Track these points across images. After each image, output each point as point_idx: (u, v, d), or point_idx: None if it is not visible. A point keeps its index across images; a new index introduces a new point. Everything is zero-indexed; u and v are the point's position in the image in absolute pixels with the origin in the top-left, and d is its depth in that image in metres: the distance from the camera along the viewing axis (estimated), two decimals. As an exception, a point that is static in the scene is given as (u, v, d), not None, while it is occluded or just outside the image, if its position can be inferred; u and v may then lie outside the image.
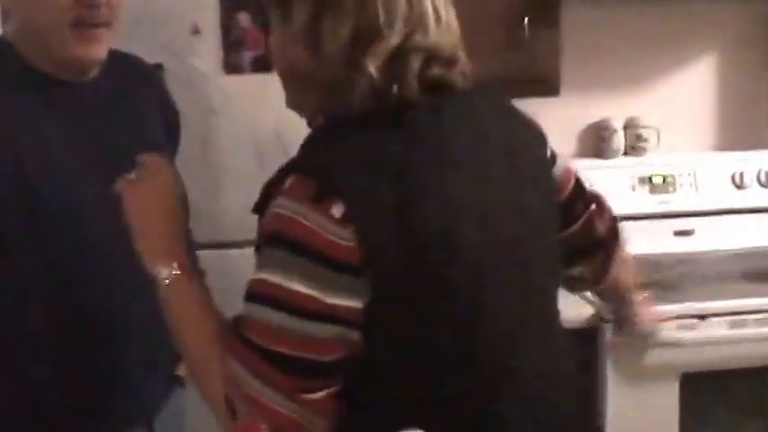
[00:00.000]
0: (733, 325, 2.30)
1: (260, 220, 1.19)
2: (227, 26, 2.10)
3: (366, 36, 1.15)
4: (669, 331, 2.25)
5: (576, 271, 1.52)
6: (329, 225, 1.08)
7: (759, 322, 2.32)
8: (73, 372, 1.54)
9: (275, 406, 1.10)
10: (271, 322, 1.10)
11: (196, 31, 2.10)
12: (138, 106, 1.67)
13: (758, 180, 2.86)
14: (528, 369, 1.24)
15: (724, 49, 3.02)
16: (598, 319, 2.29)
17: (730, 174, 2.85)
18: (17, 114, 1.50)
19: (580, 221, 1.46)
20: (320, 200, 1.09)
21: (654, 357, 2.27)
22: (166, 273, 1.25)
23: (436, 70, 1.19)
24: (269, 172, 2.13)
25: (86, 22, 1.48)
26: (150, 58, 1.77)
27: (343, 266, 1.08)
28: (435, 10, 1.20)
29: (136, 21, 1.64)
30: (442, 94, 1.20)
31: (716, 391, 2.34)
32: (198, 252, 1.88)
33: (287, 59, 1.22)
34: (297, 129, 2.14)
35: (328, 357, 1.11)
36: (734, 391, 2.35)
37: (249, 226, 2.11)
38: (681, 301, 2.36)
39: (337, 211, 1.08)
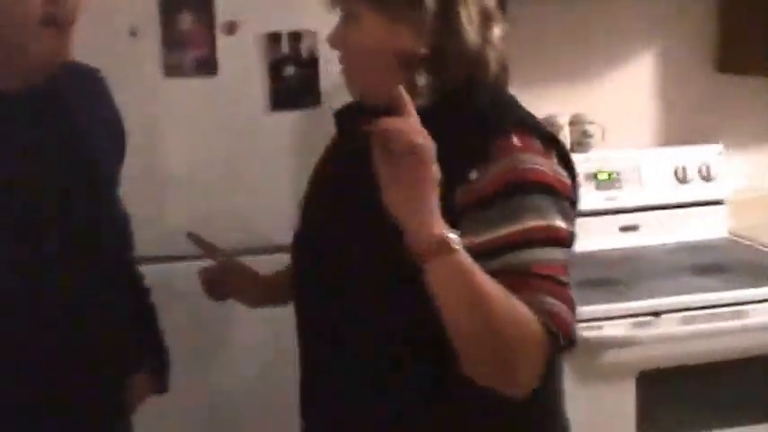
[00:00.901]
0: (687, 321, 2.26)
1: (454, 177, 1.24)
2: (168, 27, 1.95)
3: (487, 18, 1.36)
4: (624, 329, 2.21)
5: None
6: (559, 169, 1.30)
7: (713, 317, 2.29)
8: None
9: (571, 319, 1.25)
10: (557, 258, 1.26)
11: (134, 33, 1.95)
12: (79, 114, 1.54)
13: (700, 174, 2.85)
14: None
15: (667, 46, 3.00)
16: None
17: (673, 169, 2.83)
18: None
19: None
20: (547, 150, 1.29)
21: (609, 357, 2.23)
22: (455, 237, 1.16)
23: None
24: (213, 178, 2.02)
25: (58, 20, 1.36)
26: (86, 61, 1.62)
27: (572, 201, 1.32)
28: None
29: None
30: None
31: (672, 388, 2.30)
32: (143, 266, 1.77)
33: (393, 45, 1.34)
34: (242, 133, 2.04)
35: None
36: (691, 388, 2.32)
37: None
38: (634, 298, 2.31)
39: (556, 156, 1.31)
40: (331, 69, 2.01)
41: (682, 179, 2.83)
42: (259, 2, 1.98)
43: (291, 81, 2.02)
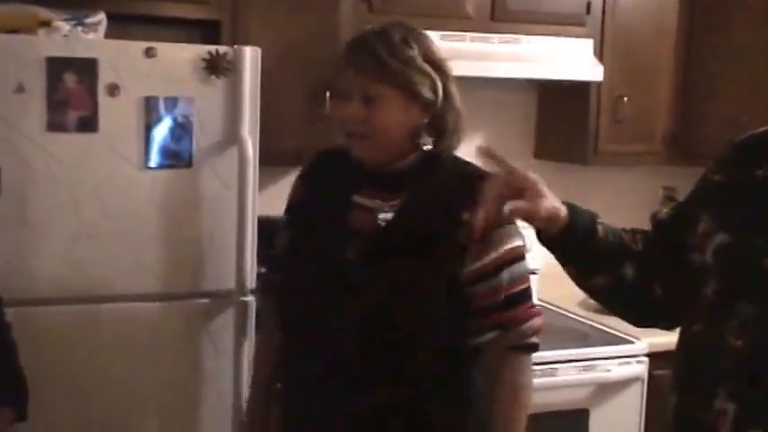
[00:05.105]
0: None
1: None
2: (53, 85, 1.92)
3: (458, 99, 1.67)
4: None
5: None
6: None
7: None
8: None
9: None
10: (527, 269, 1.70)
11: (21, 89, 1.90)
12: None
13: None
14: None
15: (493, 132, 3.16)
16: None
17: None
18: None
19: None
20: None
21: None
22: None
23: None
24: (89, 229, 1.98)
25: None
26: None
27: None
28: None
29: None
30: None
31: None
32: (11, 308, 1.71)
33: (410, 120, 1.58)
34: (118, 188, 2.01)
35: None
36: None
37: (66, 284, 1.96)
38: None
39: None
40: (202, 133, 2.04)
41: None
42: (140, 68, 1.98)
43: (166, 142, 2.02)
